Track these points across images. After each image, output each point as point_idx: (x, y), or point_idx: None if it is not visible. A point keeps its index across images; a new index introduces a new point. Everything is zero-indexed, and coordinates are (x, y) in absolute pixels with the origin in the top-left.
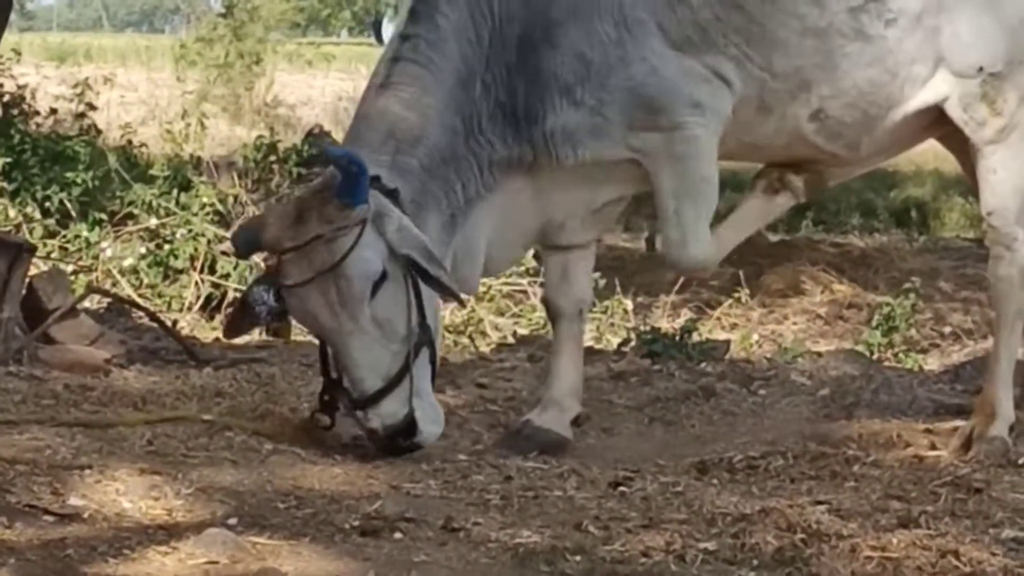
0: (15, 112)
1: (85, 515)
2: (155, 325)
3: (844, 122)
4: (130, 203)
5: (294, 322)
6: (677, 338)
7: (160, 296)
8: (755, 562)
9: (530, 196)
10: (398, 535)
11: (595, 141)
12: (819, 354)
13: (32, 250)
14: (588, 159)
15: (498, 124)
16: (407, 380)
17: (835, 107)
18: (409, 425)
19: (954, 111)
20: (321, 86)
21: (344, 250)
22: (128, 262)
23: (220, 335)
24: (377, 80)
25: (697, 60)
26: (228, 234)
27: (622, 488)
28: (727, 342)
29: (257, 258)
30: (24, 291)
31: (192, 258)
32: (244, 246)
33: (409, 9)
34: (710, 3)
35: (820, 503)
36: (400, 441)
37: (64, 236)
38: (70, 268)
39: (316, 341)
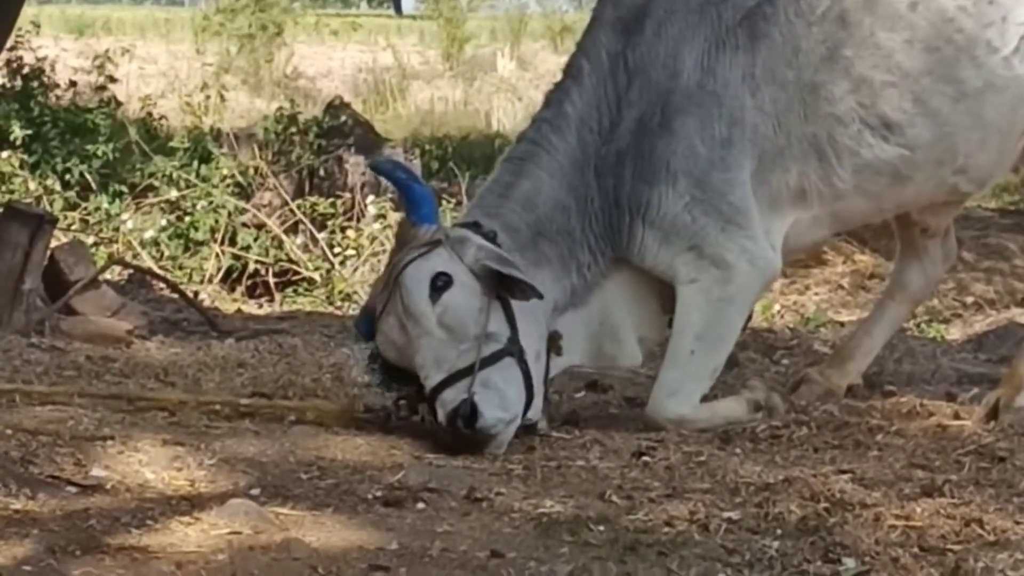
0: (35, 85)
1: (108, 486)
2: (176, 297)
3: (986, 167)
4: (150, 175)
5: None
6: None
7: (180, 268)
8: (779, 531)
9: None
10: (421, 505)
11: (675, 242)
12: (841, 324)
13: (54, 221)
14: (661, 266)
15: (605, 209)
16: (472, 373)
17: (981, 159)
18: (469, 409)
19: None
20: (341, 58)
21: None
22: (149, 234)
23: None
24: (504, 155)
25: (785, 172)
26: (248, 205)
27: (645, 458)
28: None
29: None
30: (46, 263)
31: (212, 230)
32: (364, 326)
33: (546, 95)
34: (859, 87)
35: (844, 472)
36: (462, 426)
37: (84, 208)
38: (91, 240)
39: (338, 313)
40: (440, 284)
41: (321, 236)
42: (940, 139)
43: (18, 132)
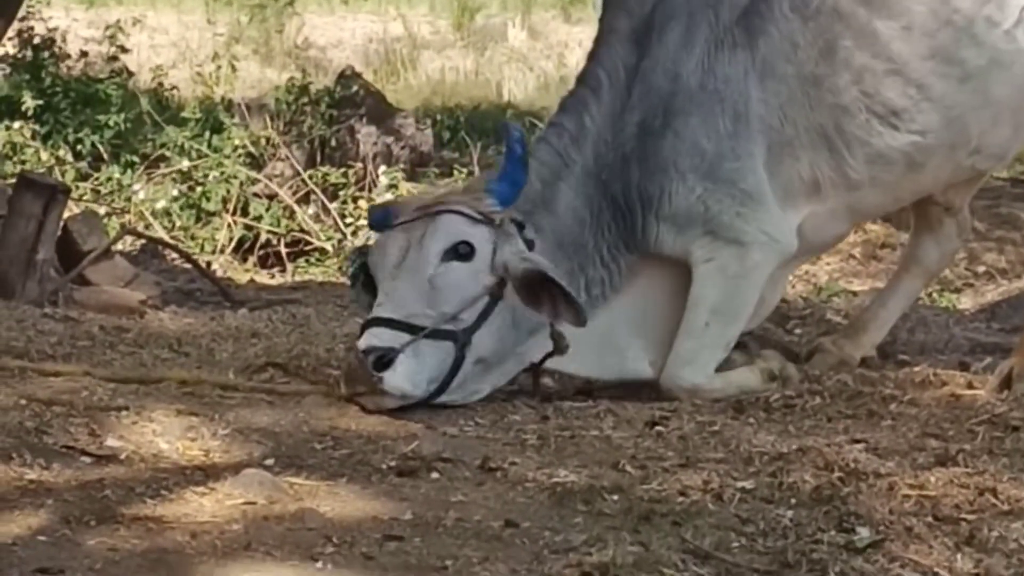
0: (46, 55)
1: (122, 456)
2: (189, 267)
3: (1002, 143)
4: (162, 145)
5: None
6: None
7: (193, 238)
8: (793, 500)
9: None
10: (435, 475)
11: (690, 231)
12: (854, 293)
13: (67, 192)
14: (678, 252)
15: (616, 217)
16: (419, 340)
17: (994, 137)
18: (389, 360)
19: None
20: (351, 28)
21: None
22: (160, 204)
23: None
24: (531, 158)
25: (795, 162)
26: (260, 176)
27: (659, 427)
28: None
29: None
30: (59, 233)
31: (224, 200)
32: (379, 218)
33: (561, 101)
34: (861, 77)
35: (857, 442)
36: (370, 363)
37: (96, 179)
38: (103, 211)
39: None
40: (461, 252)
41: (333, 206)
42: (950, 122)
43: (30, 103)
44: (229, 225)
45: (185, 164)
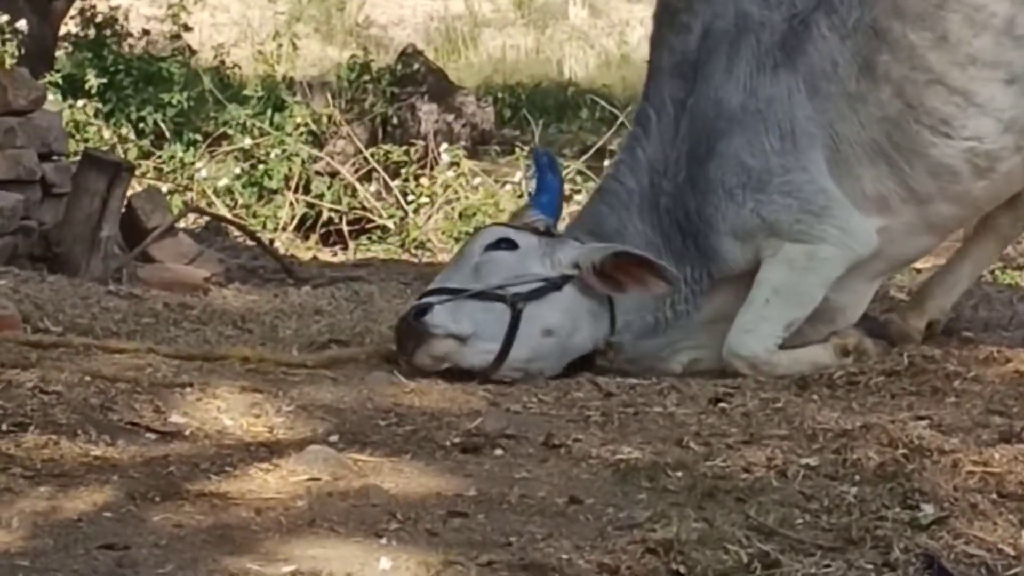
0: (108, 34)
1: (187, 433)
2: (252, 244)
3: None
4: (224, 123)
5: None
6: None
7: (255, 216)
8: (857, 477)
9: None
10: (499, 452)
11: (752, 242)
12: (918, 270)
13: (131, 169)
14: (742, 266)
15: (687, 242)
16: (459, 298)
17: None
18: (424, 306)
19: None
20: (412, 6)
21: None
22: (223, 182)
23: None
24: (597, 188)
25: (857, 180)
26: (322, 154)
27: (722, 404)
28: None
29: None
30: (123, 210)
31: (286, 178)
32: None
33: (624, 140)
34: (902, 90)
35: (921, 418)
36: (411, 316)
37: (159, 157)
38: (165, 188)
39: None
40: (503, 246)
41: (394, 184)
42: (1007, 125)
43: (93, 81)
44: (291, 203)
45: (247, 142)
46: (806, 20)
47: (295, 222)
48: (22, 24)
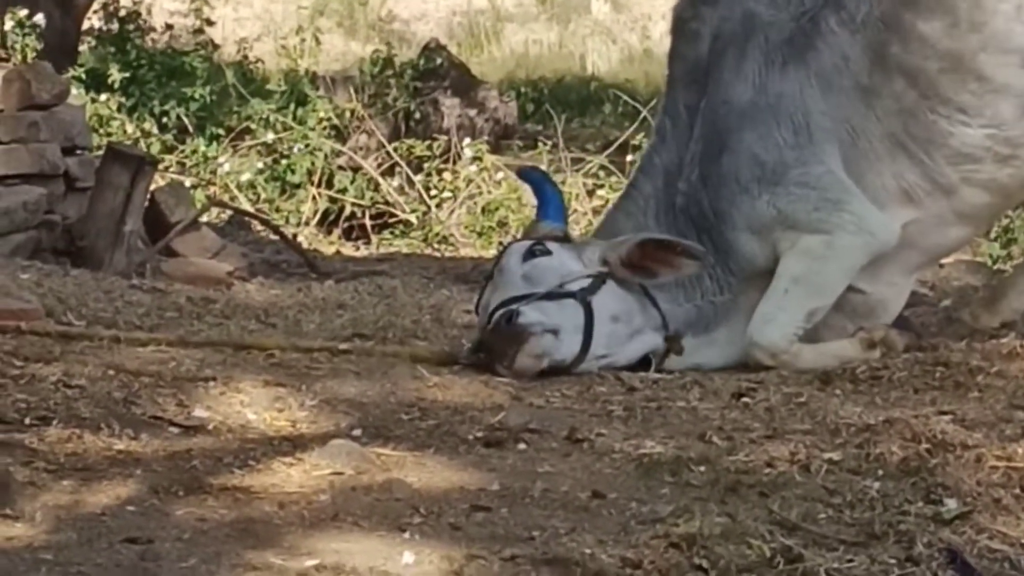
0: (131, 28)
1: (210, 427)
2: (275, 238)
3: None
4: (247, 118)
5: None
6: None
7: (278, 210)
8: (880, 472)
9: None
10: (522, 446)
11: (770, 235)
12: (941, 265)
13: (155, 163)
14: (761, 263)
15: (703, 240)
16: (533, 299)
17: None
18: (512, 312)
19: None
20: (435, 1)
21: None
22: (245, 177)
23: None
24: (618, 196)
25: (878, 175)
26: (344, 148)
27: (745, 399)
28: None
29: None
30: (146, 204)
31: (309, 172)
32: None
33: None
34: (916, 80)
35: (944, 413)
36: (503, 323)
37: (182, 151)
38: (188, 183)
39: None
40: (537, 251)
41: (417, 178)
42: None
43: (116, 75)
44: (314, 197)
45: (270, 137)
46: (814, 17)
47: (318, 217)
48: (39, 18)
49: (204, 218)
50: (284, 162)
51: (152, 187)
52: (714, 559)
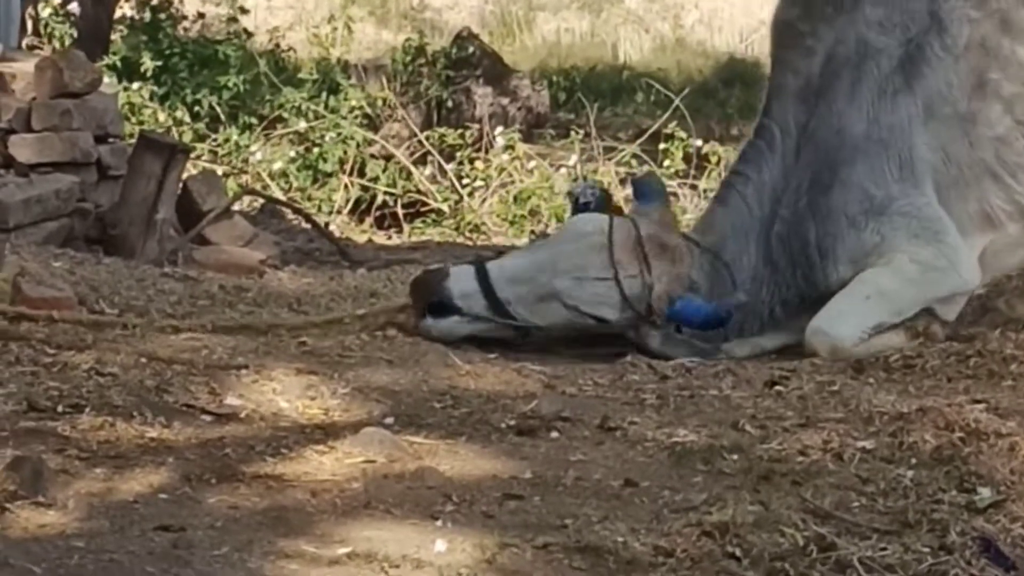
0: (163, 17)
1: (242, 415)
2: (308, 227)
3: None
4: (279, 107)
5: None
6: None
7: (310, 199)
8: (913, 460)
9: None
10: (554, 434)
11: (868, 261)
12: None
13: (186, 151)
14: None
15: (796, 274)
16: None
17: None
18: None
19: None
20: None
21: None
22: (277, 165)
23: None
24: (716, 194)
25: (964, 201)
26: (377, 137)
27: (778, 387)
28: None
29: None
30: (179, 192)
31: (341, 161)
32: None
33: (741, 150)
34: (1012, 106)
35: (978, 402)
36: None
37: (214, 140)
38: (220, 171)
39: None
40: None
41: (449, 167)
42: None
43: (148, 64)
44: (346, 186)
45: (302, 125)
46: (920, 43)
47: (350, 205)
48: (74, 7)
49: (236, 206)
50: (316, 151)
51: (184, 175)
52: (747, 547)
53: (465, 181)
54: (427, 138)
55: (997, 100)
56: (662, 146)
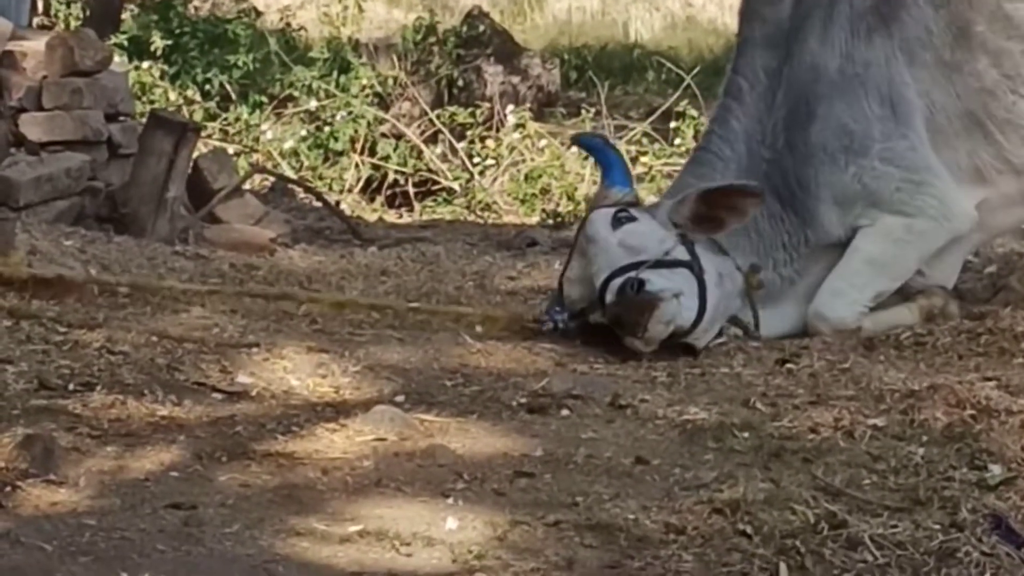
0: None
1: (253, 393)
2: (319, 205)
3: None
4: (290, 85)
5: None
6: None
7: (320, 178)
8: (924, 438)
9: None
10: (565, 412)
11: (852, 210)
12: None
13: (198, 130)
14: (839, 234)
15: (785, 208)
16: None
17: None
18: (637, 281)
19: None
20: None
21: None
22: (288, 144)
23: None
24: (688, 160)
25: (954, 151)
26: (387, 116)
27: (789, 365)
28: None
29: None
30: (190, 171)
31: (352, 140)
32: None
33: (713, 111)
34: (999, 60)
35: (989, 379)
36: (631, 290)
37: (225, 118)
38: (231, 150)
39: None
40: (623, 217)
41: (460, 146)
42: None
43: (158, 43)
44: (357, 165)
45: (313, 104)
46: None
47: (360, 184)
48: None
49: (247, 185)
50: (327, 129)
51: (195, 154)
52: (758, 525)
53: (476, 160)
54: (438, 117)
55: (984, 53)
56: (673, 124)
